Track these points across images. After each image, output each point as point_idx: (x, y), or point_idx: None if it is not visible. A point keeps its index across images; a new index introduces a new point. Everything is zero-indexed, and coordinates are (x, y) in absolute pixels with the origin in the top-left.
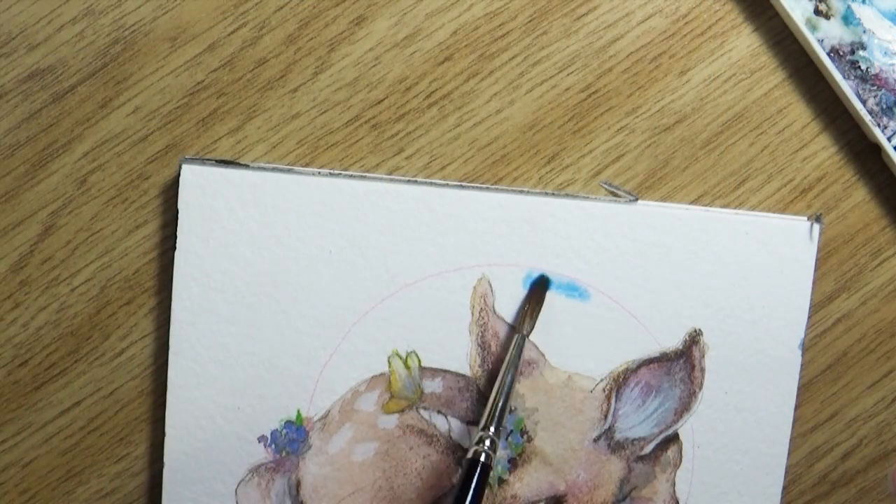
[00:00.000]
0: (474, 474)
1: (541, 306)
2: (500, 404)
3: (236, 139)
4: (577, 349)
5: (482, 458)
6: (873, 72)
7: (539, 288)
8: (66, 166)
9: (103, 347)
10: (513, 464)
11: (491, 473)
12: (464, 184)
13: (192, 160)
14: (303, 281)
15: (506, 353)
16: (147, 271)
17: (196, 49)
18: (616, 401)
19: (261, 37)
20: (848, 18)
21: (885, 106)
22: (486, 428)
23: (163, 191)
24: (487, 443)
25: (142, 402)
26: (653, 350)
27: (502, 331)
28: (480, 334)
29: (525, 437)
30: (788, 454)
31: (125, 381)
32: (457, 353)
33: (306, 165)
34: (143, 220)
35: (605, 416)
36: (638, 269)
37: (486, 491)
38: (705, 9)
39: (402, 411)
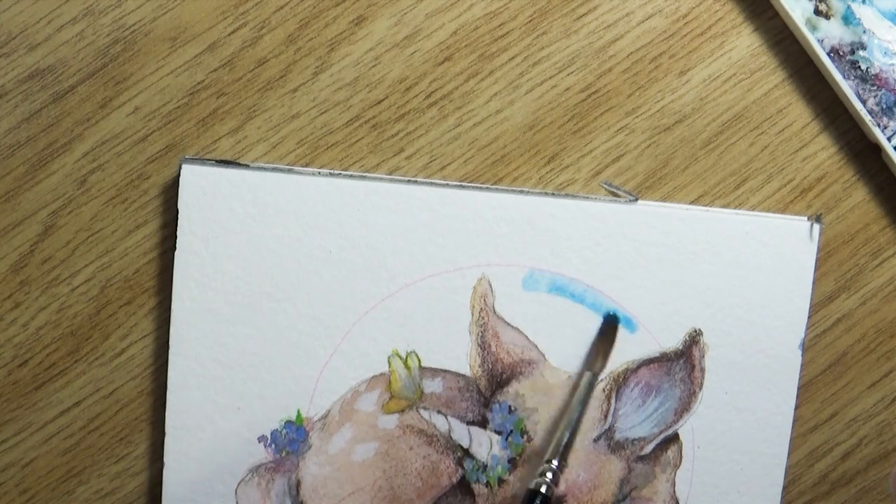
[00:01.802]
0: None
1: (613, 346)
2: (565, 439)
3: (236, 139)
4: (577, 349)
5: (543, 489)
6: (873, 72)
7: (611, 327)
8: (66, 166)
9: (103, 347)
10: (513, 464)
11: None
12: (464, 184)
13: (192, 160)
14: (303, 281)
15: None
16: (147, 271)
17: (196, 49)
18: (616, 401)
19: (261, 37)
20: (848, 18)
21: (885, 106)
22: (549, 461)
23: (163, 191)
24: (549, 475)
25: (142, 402)
26: (653, 350)
27: (502, 331)
28: (480, 334)
29: (525, 437)
30: (788, 454)
31: (125, 381)
32: (457, 353)
33: (306, 165)
34: (143, 220)
35: (605, 416)
36: (638, 269)
37: (486, 491)
38: (705, 9)
39: (402, 411)
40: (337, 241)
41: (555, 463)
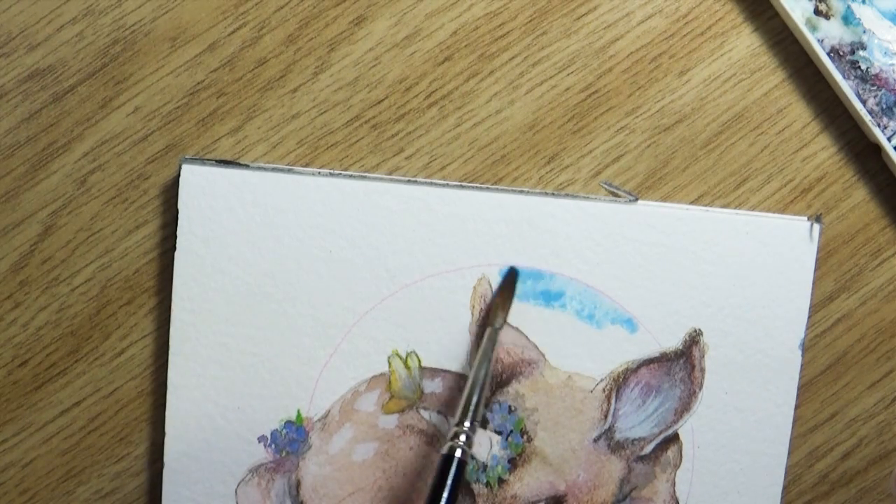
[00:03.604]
0: (449, 470)
1: (512, 299)
2: (474, 399)
3: (236, 139)
4: (577, 349)
5: (457, 454)
6: (873, 72)
7: (509, 280)
8: (66, 166)
9: (103, 347)
10: (513, 464)
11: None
12: (464, 184)
13: (193, 160)
14: (303, 281)
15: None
16: (147, 271)
17: (196, 49)
18: (616, 401)
19: (261, 37)
20: (848, 18)
21: (885, 106)
22: (460, 423)
23: (163, 191)
24: (462, 438)
25: (142, 402)
26: (653, 350)
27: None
28: (480, 334)
29: (525, 437)
30: (788, 454)
31: (125, 381)
32: (457, 353)
33: (306, 165)
34: (143, 220)
35: (606, 416)
36: (638, 268)
37: (486, 491)
38: (705, 9)
39: (402, 411)
40: (337, 240)
41: (467, 425)
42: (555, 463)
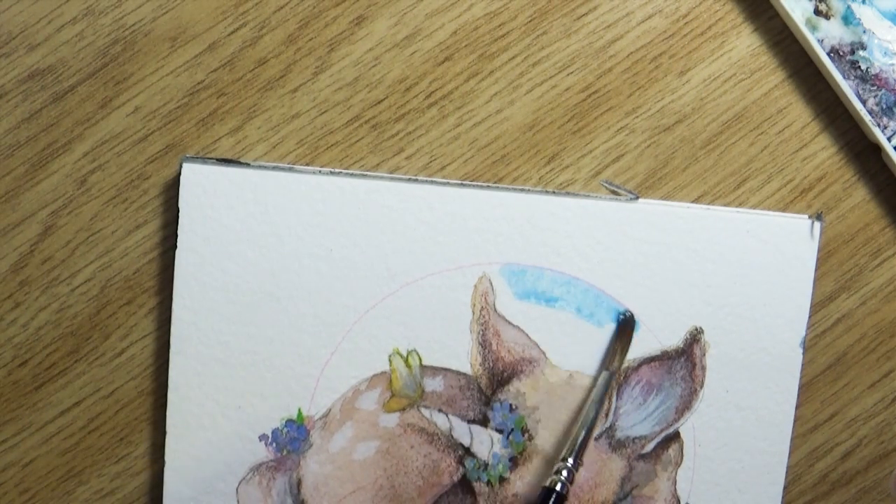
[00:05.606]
0: (548, 502)
1: (629, 345)
2: (581, 438)
3: (236, 139)
4: (578, 347)
5: (558, 487)
6: (873, 72)
7: (627, 326)
8: (66, 166)
9: (103, 347)
10: (514, 462)
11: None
12: (465, 182)
13: (193, 159)
14: (304, 279)
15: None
16: (147, 271)
17: (196, 49)
18: (617, 399)
19: (261, 37)
20: (848, 18)
21: (885, 106)
22: (564, 458)
23: (163, 191)
24: (565, 473)
25: (142, 402)
26: (654, 348)
27: (503, 329)
28: (481, 333)
29: (526, 435)
30: (789, 453)
31: (125, 381)
32: (458, 351)
33: (306, 165)
34: (143, 220)
35: (607, 415)
36: (639, 267)
37: (488, 489)
38: (705, 9)
39: (403, 410)
40: (338, 239)
41: (570, 461)
42: (556, 461)
